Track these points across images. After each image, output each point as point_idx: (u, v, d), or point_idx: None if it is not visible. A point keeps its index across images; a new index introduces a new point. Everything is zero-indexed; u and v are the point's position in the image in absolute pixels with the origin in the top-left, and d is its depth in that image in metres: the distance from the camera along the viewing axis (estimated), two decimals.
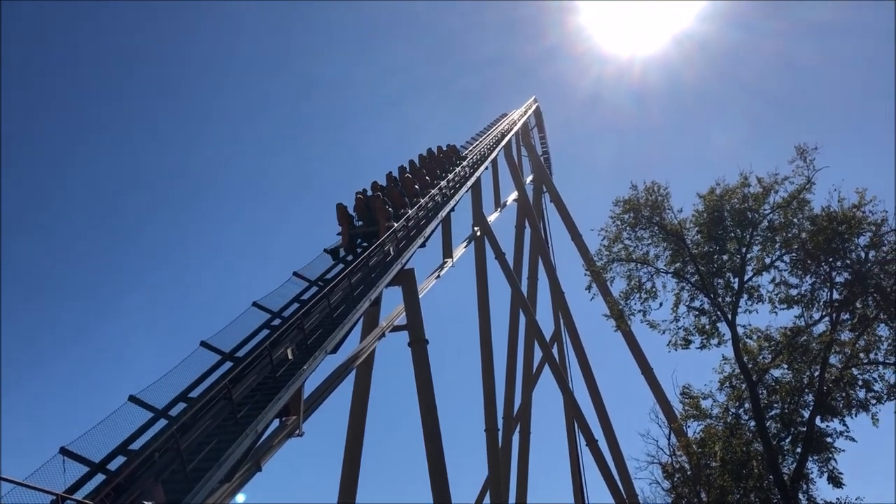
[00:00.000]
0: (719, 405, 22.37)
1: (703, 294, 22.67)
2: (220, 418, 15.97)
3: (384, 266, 24.86)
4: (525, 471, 43.18)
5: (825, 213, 21.88)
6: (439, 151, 37.89)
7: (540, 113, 54.89)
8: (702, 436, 22.29)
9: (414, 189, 30.72)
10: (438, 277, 30.91)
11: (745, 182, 22.98)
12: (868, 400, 20.73)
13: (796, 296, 22.22)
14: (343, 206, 27.38)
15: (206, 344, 17.88)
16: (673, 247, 23.33)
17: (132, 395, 15.44)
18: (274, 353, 17.85)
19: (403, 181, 31.01)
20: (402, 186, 30.51)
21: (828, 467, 20.45)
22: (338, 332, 20.36)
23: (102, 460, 13.79)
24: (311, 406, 19.49)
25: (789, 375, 21.76)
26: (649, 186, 24.00)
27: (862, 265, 21.27)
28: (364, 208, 27.68)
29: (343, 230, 27.07)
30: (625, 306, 23.97)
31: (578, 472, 42.23)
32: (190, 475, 13.62)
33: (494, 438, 35.19)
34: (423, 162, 35.17)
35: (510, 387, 43.05)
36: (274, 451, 17.28)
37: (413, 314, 26.24)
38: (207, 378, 17.19)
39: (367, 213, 27.49)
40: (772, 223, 22.65)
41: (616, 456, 38.45)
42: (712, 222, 22.75)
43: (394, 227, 26.36)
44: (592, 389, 40.44)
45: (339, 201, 27.14)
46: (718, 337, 22.62)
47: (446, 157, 38.13)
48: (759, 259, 22.81)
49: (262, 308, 20.27)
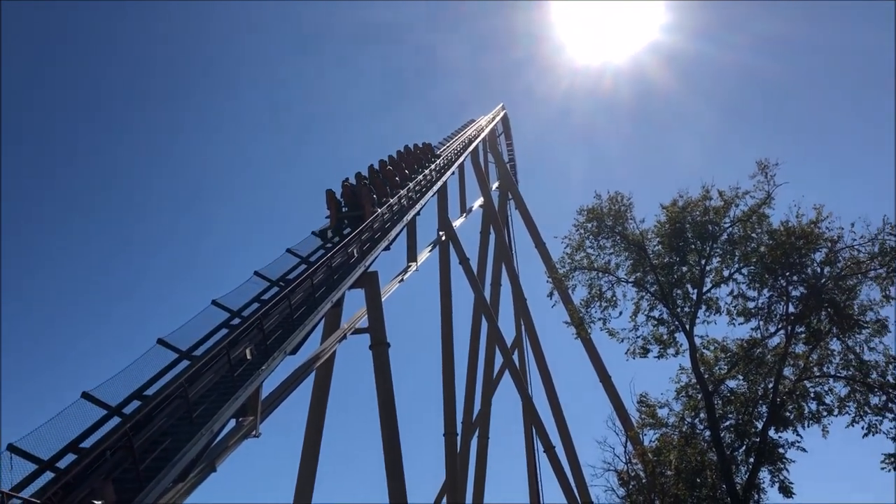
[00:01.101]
0: (675, 414, 22.66)
1: (662, 304, 22.96)
2: (175, 417, 15.73)
3: (347, 268, 24.74)
4: (482, 475, 43.24)
5: (784, 228, 22.30)
6: (415, 149, 38.66)
7: (507, 120, 55.16)
8: (657, 444, 22.55)
9: (395, 180, 32.62)
10: (402, 281, 30.85)
11: (707, 195, 23.34)
12: (819, 412, 21.17)
13: (753, 308, 22.60)
14: (332, 191, 29.38)
15: (163, 341, 17.60)
16: (634, 257, 23.61)
17: (85, 391, 15.13)
18: (232, 353, 17.63)
19: (385, 173, 32.66)
20: (385, 177, 32.22)
21: (779, 477, 20.81)
22: (298, 333, 20.20)
23: (51, 458, 13.45)
24: (268, 407, 19.28)
25: (744, 387, 22.12)
26: (613, 196, 24.29)
27: (817, 280, 21.71)
28: (350, 195, 29.65)
29: (332, 214, 29.02)
30: (585, 314, 24.16)
31: (535, 478, 42.43)
32: (142, 474, 13.39)
33: (453, 443, 35.22)
34: (400, 157, 36.07)
35: (470, 392, 43.09)
36: (230, 452, 17.05)
37: (375, 317, 26.14)
38: (163, 376, 16.90)
39: (353, 200, 29.49)
40: (731, 236, 23.04)
41: (573, 463, 38.71)
42: (674, 234, 23.06)
43: (377, 212, 28.16)
44: (551, 396, 40.68)
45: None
46: (676, 347, 22.92)
47: (422, 153, 38.86)
48: (718, 271, 23.17)
49: (222, 307, 20.02)
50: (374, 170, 32.68)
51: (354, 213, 29.00)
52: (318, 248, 25.95)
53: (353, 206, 29.48)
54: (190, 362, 17.34)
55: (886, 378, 20.78)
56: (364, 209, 28.82)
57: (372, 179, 31.50)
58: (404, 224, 30.61)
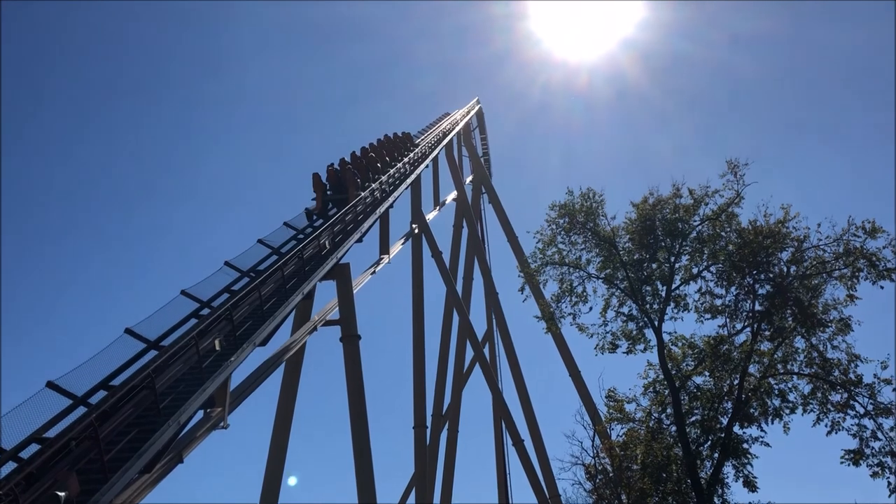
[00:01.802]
0: (643, 409, 22.93)
1: (631, 300, 23.17)
2: (142, 408, 15.59)
3: (319, 259, 24.65)
4: (451, 468, 43.35)
5: (752, 227, 22.61)
6: (395, 137, 38.99)
7: (482, 114, 55.20)
8: (625, 439, 22.77)
9: (377, 166, 33.56)
10: (374, 273, 30.82)
11: (678, 193, 23.61)
12: (782, 408, 21.54)
13: (720, 306, 22.91)
14: (318, 175, 30.32)
15: (131, 331, 17.40)
16: (605, 253, 23.80)
17: (50, 380, 14.92)
18: (201, 344, 17.51)
19: (367, 159, 33.41)
20: (367, 163, 33.04)
21: (743, 472, 21.13)
22: (268, 324, 20.08)
23: (14, 448, 13.23)
24: (237, 398, 19.18)
25: (710, 383, 22.42)
26: (585, 192, 24.46)
27: (783, 279, 22.05)
28: (335, 178, 30.75)
29: (318, 196, 29.90)
30: (556, 309, 24.32)
31: (504, 471, 42.70)
32: (108, 465, 13.26)
33: (423, 436, 35.35)
34: (381, 144, 36.68)
35: (440, 385, 43.20)
36: (197, 443, 16.95)
37: (346, 309, 26.09)
38: (131, 366, 16.70)
39: (338, 183, 30.58)
40: (700, 234, 23.30)
41: (541, 456, 38.94)
42: (644, 231, 23.28)
43: (361, 195, 28.97)
44: (521, 390, 40.87)
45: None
46: (645, 343, 23.16)
47: (402, 142, 39.29)
48: (687, 269, 23.44)
49: (191, 297, 19.81)
50: (357, 156, 33.26)
51: (339, 196, 29.84)
52: (291, 239, 25.80)
53: (337, 190, 30.45)
54: (158, 352, 17.18)
55: (848, 376, 21.18)
56: (349, 192, 29.77)
57: (355, 164, 32.25)
58: (377, 216, 30.55)
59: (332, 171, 31.14)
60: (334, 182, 30.88)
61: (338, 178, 30.87)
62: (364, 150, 34.50)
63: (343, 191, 30.33)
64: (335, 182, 30.86)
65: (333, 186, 30.81)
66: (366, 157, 33.72)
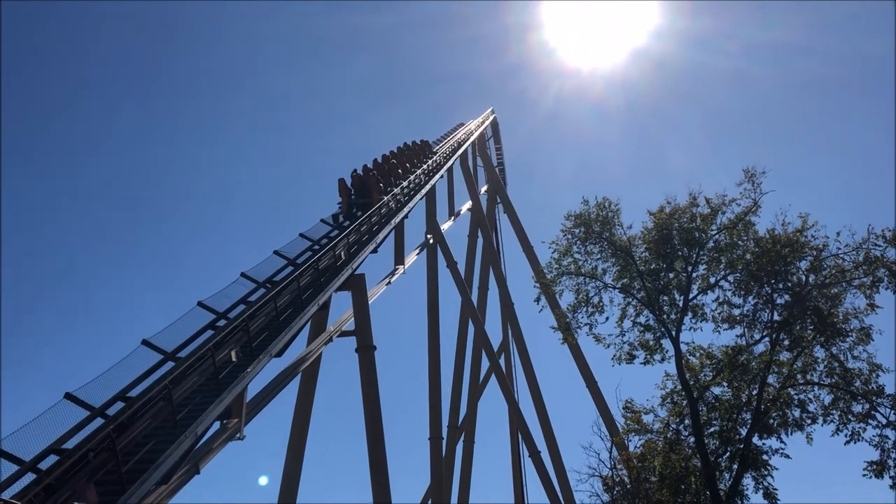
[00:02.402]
0: (660, 420, 22.71)
1: (648, 310, 23.01)
2: (159, 419, 15.65)
3: (334, 270, 24.70)
4: (468, 480, 43.21)
5: (770, 236, 22.41)
6: (413, 145, 40.69)
7: (497, 124, 55.26)
8: (642, 450, 22.57)
9: (398, 172, 35.30)
10: (389, 284, 30.84)
11: (694, 202, 23.43)
12: (803, 419, 21.27)
13: (738, 316, 22.69)
14: (343, 180, 32.30)
15: (148, 342, 17.50)
16: (621, 262, 23.66)
17: (69, 392, 15.02)
18: (217, 355, 17.57)
19: (390, 165, 35.21)
20: (389, 169, 34.85)
21: (763, 484, 20.87)
22: (284, 335, 20.14)
23: (33, 459, 13.32)
24: (253, 409, 19.22)
25: (729, 393, 22.18)
26: (600, 202, 24.32)
27: (802, 288, 21.83)
28: (360, 183, 32.51)
29: (343, 200, 31.79)
30: (572, 319, 24.18)
31: (520, 482, 42.47)
32: (125, 476, 13.30)
33: (438, 447, 35.20)
34: (401, 152, 38.37)
35: (456, 396, 43.11)
36: (214, 454, 16.99)
37: (362, 320, 26.11)
38: (148, 377, 16.78)
39: (362, 188, 32.26)
40: (718, 243, 23.12)
41: (558, 468, 38.68)
42: (660, 240, 23.13)
43: (383, 200, 30.50)
44: (537, 401, 40.66)
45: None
46: (662, 353, 22.96)
47: (420, 150, 40.91)
48: (705, 278, 23.25)
49: (208, 308, 19.91)
50: (379, 162, 34.91)
51: (363, 201, 31.45)
52: (306, 250, 25.89)
53: (361, 194, 32.09)
54: (175, 364, 17.25)
55: (870, 386, 20.89)
56: (372, 196, 31.41)
57: (378, 170, 34.02)
58: (392, 227, 30.62)
59: (356, 177, 32.74)
60: (359, 186, 32.41)
61: (362, 183, 32.44)
62: (385, 157, 35.84)
63: (367, 195, 31.78)
64: (359, 186, 32.38)
65: (358, 191, 32.29)
66: (387, 163, 35.16)
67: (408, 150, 39.54)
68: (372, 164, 34.64)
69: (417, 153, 40.14)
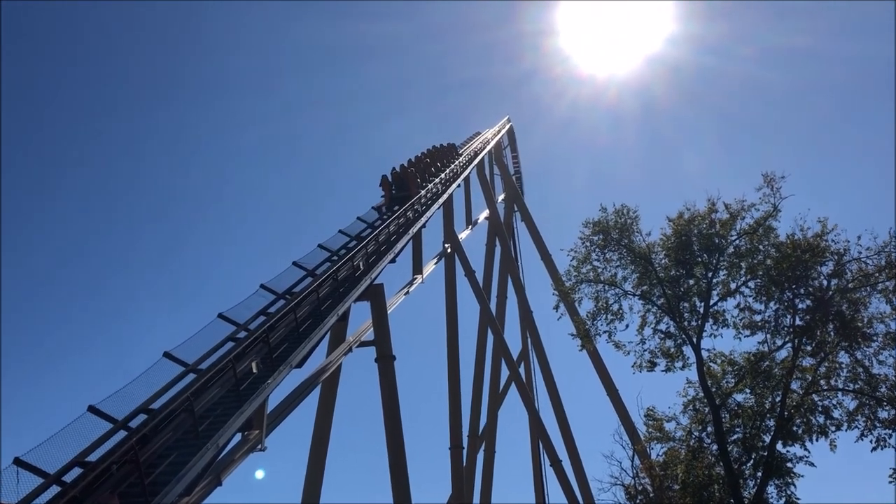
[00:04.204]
0: (682, 428, 22.53)
1: (669, 317, 22.86)
2: (181, 431, 15.73)
3: (353, 281, 24.77)
4: (489, 490, 43.06)
5: (790, 241, 22.21)
6: (441, 147, 43.28)
7: (513, 133, 55.29)
8: (665, 458, 22.41)
9: (431, 169, 38.60)
10: (407, 293, 30.91)
11: (713, 208, 23.27)
12: (827, 426, 21.02)
13: (760, 321, 22.47)
14: (385, 176, 35.43)
15: (169, 355, 17.62)
16: (640, 269, 23.52)
17: (92, 405, 15.16)
18: (238, 366, 17.66)
19: (424, 164, 38.67)
20: (423, 167, 38.34)
21: (787, 492, 20.64)
22: (304, 346, 20.21)
23: (58, 472, 13.44)
24: (274, 420, 19.29)
25: (752, 400, 21.97)
26: (619, 209, 24.20)
27: (824, 293, 21.61)
28: (399, 179, 35.65)
29: (385, 194, 34.66)
30: (591, 327, 24.07)
31: (542, 492, 42.29)
32: (148, 488, 13.39)
33: (459, 456, 35.16)
34: (430, 153, 41.07)
35: (476, 405, 43.03)
36: (235, 466, 17.05)
37: (381, 330, 26.17)
38: (169, 390, 16.88)
39: (401, 183, 35.41)
40: (738, 249, 22.95)
41: (579, 477, 38.50)
42: (680, 246, 22.99)
43: (420, 194, 33.58)
44: (558, 409, 40.53)
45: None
46: (683, 360, 22.79)
47: (447, 151, 43.41)
48: (725, 284, 23.07)
49: (228, 320, 20.01)
50: (413, 161, 38.19)
51: (403, 194, 34.39)
52: (325, 261, 26.01)
53: (401, 188, 35.20)
54: (196, 375, 17.36)
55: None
56: (410, 190, 34.45)
57: (414, 167, 37.39)
58: (410, 236, 30.70)
59: (396, 174, 35.87)
60: (398, 182, 35.46)
61: (402, 178, 35.64)
62: (419, 158, 39.09)
63: (406, 189, 34.83)
64: (399, 182, 35.45)
65: (398, 185, 35.30)
66: (421, 162, 38.68)
67: (436, 151, 42.31)
68: (407, 163, 37.39)
69: (445, 154, 42.79)
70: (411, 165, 37.58)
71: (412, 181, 35.43)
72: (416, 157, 38.88)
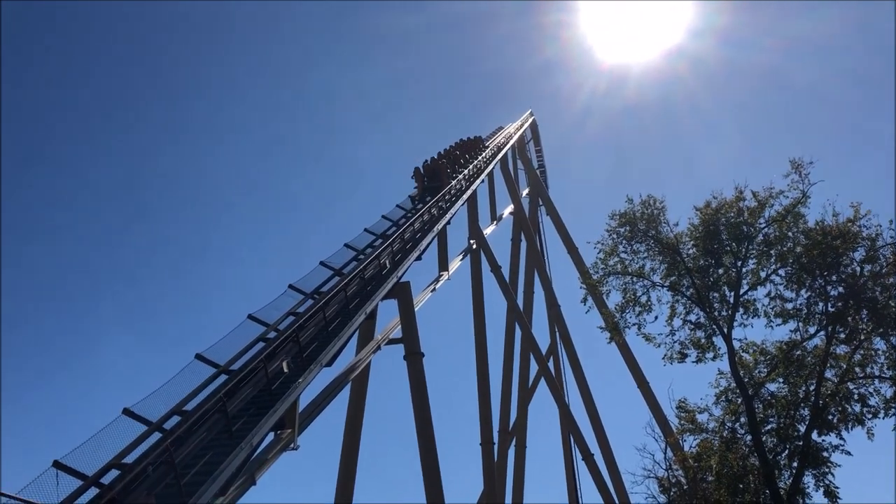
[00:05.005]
0: (715, 419, 22.34)
1: (698, 308, 22.67)
2: (214, 431, 15.90)
3: (380, 279, 24.87)
4: (521, 485, 43.04)
5: (820, 227, 21.91)
6: (468, 140, 44.54)
7: (536, 126, 55.10)
8: (698, 450, 22.24)
9: (460, 161, 40.46)
10: (434, 290, 30.95)
11: (741, 196, 23.03)
12: (863, 414, 20.73)
13: (791, 310, 22.20)
14: (418, 168, 37.65)
15: (201, 356, 17.81)
16: (669, 260, 23.35)
17: (126, 407, 15.37)
18: (269, 366, 17.80)
19: (454, 156, 40.60)
20: (453, 158, 40.30)
21: (824, 482, 20.38)
22: (333, 345, 20.34)
23: (96, 473, 13.66)
24: (306, 419, 19.42)
25: (785, 389, 21.74)
26: (645, 200, 24.03)
27: (856, 279, 21.31)
28: (432, 170, 37.57)
29: (419, 185, 36.77)
30: (620, 319, 23.94)
31: (574, 486, 42.16)
32: (184, 489, 13.56)
33: (490, 452, 35.15)
34: (458, 146, 42.45)
35: (506, 400, 43.02)
36: (269, 465, 17.20)
37: (408, 327, 26.24)
38: (202, 391, 17.06)
39: (434, 174, 37.32)
40: (767, 237, 22.69)
41: (612, 470, 38.35)
42: (708, 236, 22.78)
43: (451, 184, 35.22)
44: (588, 403, 40.39)
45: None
46: (714, 351, 22.59)
47: (474, 144, 44.56)
48: (755, 273, 22.83)
49: (258, 321, 20.19)
50: (441, 154, 39.93)
51: (435, 184, 35.98)
52: (352, 260, 26.13)
53: (433, 179, 36.94)
54: (228, 376, 17.53)
55: None
56: (442, 181, 36.05)
57: (447, 158, 39.47)
58: (435, 233, 30.73)
59: (428, 166, 37.95)
60: (430, 173, 37.22)
61: (434, 170, 37.41)
62: (448, 150, 40.84)
63: (438, 179, 36.54)
64: (431, 173, 37.22)
65: (430, 176, 37.04)
66: (451, 154, 40.56)
67: (464, 143, 43.79)
68: (437, 155, 39.29)
69: (472, 146, 44.14)
70: (441, 158, 39.22)
71: (443, 172, 37.25)
72: (445, 150, 40.52)
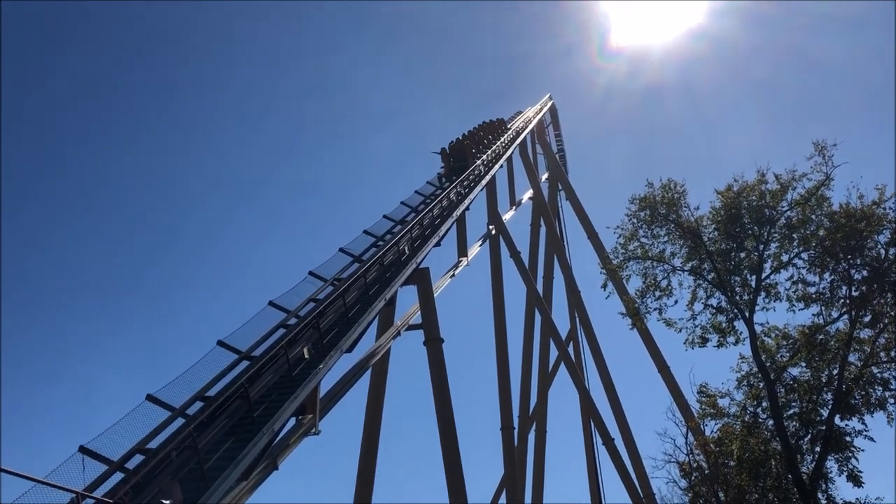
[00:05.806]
0: (737, 404, 22.24)
1: (719, 292, 22.48)
2: (236, 417, 16.05)
3: (399, 265, 24.90)
4: (541, 469, 43.14)
5: (843, 210, 21.62)
6: (490, 123, 45.95)
7: (555, 110, 54.77)
8: (719, 435, 22.15)
9: (483, 142, 42.38)
10: (453, 276, 30.95)
11: (763, 179, 22.75)
12: (886, 398, 20.53)
13: (814, 293, 21.98)
14: (444, 148, 40.02)
15: (223, 343, 17.96)
16: (689, 244, 23.16)
17: (150, 394, 15.55)
18: (290, 353, 17.91)
19: (478, 136, 42.70)
20: (478, 139, 42.37)
21: (847, 466, 20.22)
22: (353, 331, 20.41)
23: (121, 459, 13.87)
24: (327, 404, 19.54)
25: (808, 374, 21.57)
26: (665, 184, 23.81)
27: (881, 263, 21.03)
28: (457, 150, 39.98)
29: (445, 165, 39.18)
30: (641, 304, 23.82)
31: (595, 470, 42.16)
32: (207, 474, 13.69)
33: (510, 437, 35.20)
34: (481, 128, 44.34)
35: (526, 385, 43.06)
36: (290, 450, 17.34)
37: (428, 313, 26.28)
38: (224, 377, 17.23)
39: (459, 153, 39.69)
40: (790, 220, 22.41)
41: (633, 454, 38.30)
42: (729, 219, 22.55)
43: (476, 163, 37.16)
44: (608, 388, 40.32)
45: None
46: (736, 335, 22.42)
47: (496, 126, 46.03)
48: (777, 256, 22.58)
49: (278, 307, 20.32)
50: (466, 135, 41.84)
51: (461, 164, 38.12)
52: (371, 247, 26.18)
53: (458, 159, 39.08)
54: (249, 363, 17.66)
55: None
56: (467, 160, 38.12)
57: (471, 139, 41.51)
58: (454, 219, 30.68)
59: (453, 146, 40.15)
60: (457, 153, 39.52)
61: (459, 150, 39.70)
62: (471, 132, 42.79)
63: (463, 159, 38.57)
64: (457, 153, 39.51)
65: (455, 156, 39.23)
66: (475, 135, 42.54)
67: (488, 125, 45.29)
68: (462, 136, 41.32)
69: (495, 128, 45.55)
70: (465, 139, 41.23)
71: (468, 152, 39.42)
72: (469, 132, 42.46)
